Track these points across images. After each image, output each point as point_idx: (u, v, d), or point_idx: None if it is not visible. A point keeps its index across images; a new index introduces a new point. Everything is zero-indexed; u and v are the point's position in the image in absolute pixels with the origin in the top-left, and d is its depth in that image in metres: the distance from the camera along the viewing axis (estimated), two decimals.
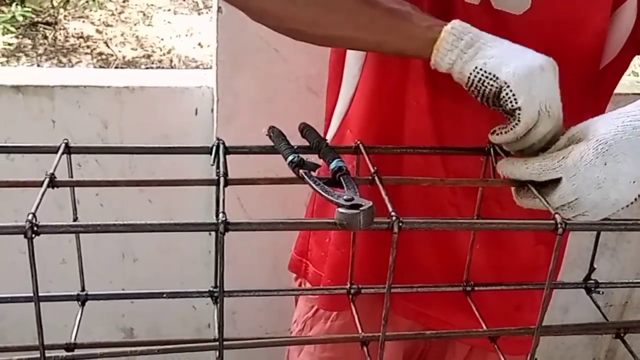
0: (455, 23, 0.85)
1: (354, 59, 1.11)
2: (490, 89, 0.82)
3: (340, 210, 0.66)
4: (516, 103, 0.80)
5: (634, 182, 0.78)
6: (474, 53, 0.83)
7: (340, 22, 0.92)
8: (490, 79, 0.81)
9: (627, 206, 0.80)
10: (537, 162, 0.80)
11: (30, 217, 0.63)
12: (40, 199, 0.68)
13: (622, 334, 0.92)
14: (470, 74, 0.83)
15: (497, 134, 0.83)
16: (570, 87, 0.87)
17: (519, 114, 0.80)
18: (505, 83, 0.80)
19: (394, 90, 1.06)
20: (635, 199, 0.80)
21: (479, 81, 0.82)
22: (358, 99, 1.12)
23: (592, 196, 0.78)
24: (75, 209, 0.85)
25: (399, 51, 0.92)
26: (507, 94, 0.80)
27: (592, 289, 1.00)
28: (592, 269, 1.01)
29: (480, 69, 0.82)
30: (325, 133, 1.20)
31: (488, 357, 1.18)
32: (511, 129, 0.81)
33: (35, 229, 0.62)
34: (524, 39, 0.98)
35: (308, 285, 1.27)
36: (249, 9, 0.95)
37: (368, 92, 1.09)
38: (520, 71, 0.80)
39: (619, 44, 1.05)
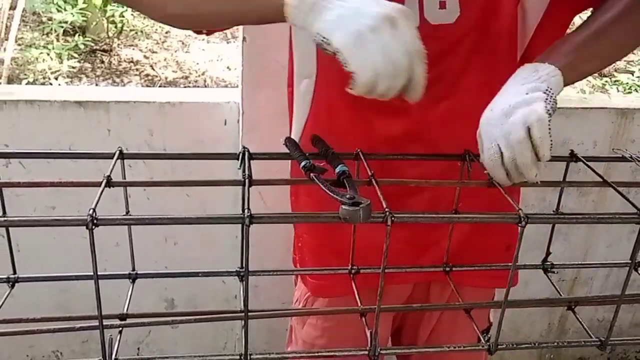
0: None
1: (302, 96, 1.08)
2: (330, 53, 0.70)
3: (344, 207, 0.65)
4: (350, 67, 0.69)
5: None
6: (314, 17, 0.71)
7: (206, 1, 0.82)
8: (327, 44, 0.70)
9: None
10: None
11: (90, 212, 0.63)
12: (99, 197, 0.68)
13: (572, 307, 0.92)
14: (314, 38, 0.71)
15: (350, 88, 0.72)
16: (497, 62, 0.94)
17: (354, 77, 0.69)
18: (338, 49, 0.69)
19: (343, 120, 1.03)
20: None
21: (320, 45, 0.70)
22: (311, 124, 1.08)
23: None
24: (127, 204, 0.85)
25: (261, 19, 0.79)
26: (342, 59, 0.69)
27: (548, 269, 1.00)
28: (548, 254, 1.01)
29: (318, 34, 0.70)
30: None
31: (462, 290, 1.14)
32: (351, 89, 0.71)
33: (95, 221, 0.62)
34: (460, 41, 0.98)
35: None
36: (135, 6, 0.88)
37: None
38: (350, 38, 0.67)
39: (536, 14, 1.00)
